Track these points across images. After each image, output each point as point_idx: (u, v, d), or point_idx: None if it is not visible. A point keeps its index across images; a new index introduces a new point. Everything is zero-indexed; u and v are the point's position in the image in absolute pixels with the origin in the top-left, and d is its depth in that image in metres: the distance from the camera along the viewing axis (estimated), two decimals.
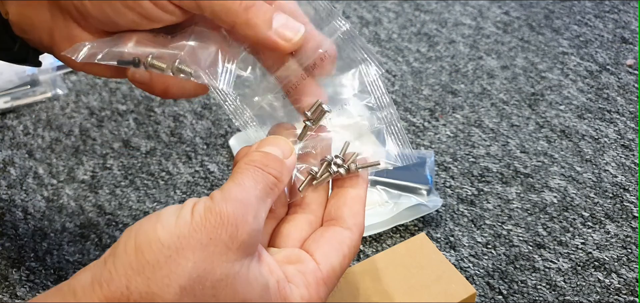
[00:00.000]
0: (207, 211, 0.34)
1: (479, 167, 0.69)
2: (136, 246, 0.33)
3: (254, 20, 0.39)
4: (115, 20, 0.40)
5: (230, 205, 0.34)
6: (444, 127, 0.74)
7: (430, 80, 0.82)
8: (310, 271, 0.37)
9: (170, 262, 0.32)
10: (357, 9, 0.95)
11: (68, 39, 0.42)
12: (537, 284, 0.57)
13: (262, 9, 0.39)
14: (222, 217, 0.34)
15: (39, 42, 0.44)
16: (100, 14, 0.40)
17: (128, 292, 0.32)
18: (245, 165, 0.37)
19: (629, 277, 0.58)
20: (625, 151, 0.71)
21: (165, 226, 0.33)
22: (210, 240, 0.33)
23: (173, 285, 0.32)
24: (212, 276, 0.33)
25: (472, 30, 0.90)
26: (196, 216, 0.33)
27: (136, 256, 0.33)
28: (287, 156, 0.39)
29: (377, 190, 0.63)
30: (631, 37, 0.88)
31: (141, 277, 0.32)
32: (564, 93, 0.79)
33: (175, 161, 0.70)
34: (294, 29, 0.40)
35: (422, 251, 0.54)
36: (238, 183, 0.36)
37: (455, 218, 0.63)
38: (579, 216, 0.63)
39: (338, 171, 0.41)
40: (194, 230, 0.33)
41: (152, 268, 0.32)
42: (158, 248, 0.32)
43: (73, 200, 0.66)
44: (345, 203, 0.41)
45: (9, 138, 0.73)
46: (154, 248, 0.32)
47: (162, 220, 0.33)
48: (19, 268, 0.59)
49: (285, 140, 0.40)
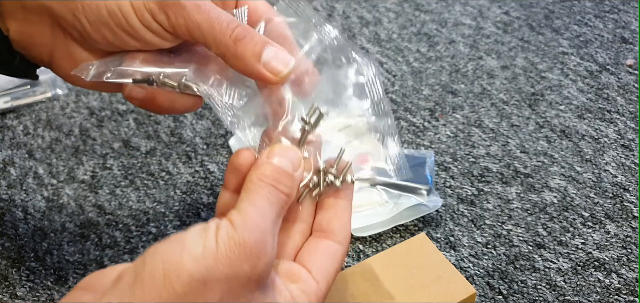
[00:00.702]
0: (231, 241, 0.34)
1: (479, 167, 0.69)
2: (165, 276, 0.33)
3: (243, 53, 0.40)
4: (114, 43, 0.41)
5: (252, 235, 0.35)
6: (444, 127, 0.74)
7: (430, 80, 0.82)
8: (312, 291, 0.38)
9: (198, 294, 0.33)
10: (357, 9, 0.95)
11: (68, 57, 0.43)
12: (537, 284, 0.57)
13: (252, 42, 0.40)
14: (245, 248, 0.34)
15: (39, 58, 0.45)
16: (100, 37, 0.41)
17: None
18: (258, 181, 0.37)
19: (629, 277, 0.58)
20: (625, 151, 0.71)
21: (192, 256, 0.33)
22: (234, 272, 0.34)
23: None
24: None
25: (472, 30, 0.90)
26: (221, 246, 0.34)
27: (165, 286, 0.33)
28: (296, 168, 0.39)
29: (377, 190, 0.63)
30: (631, 37, 0.88)
31: None
32: (564, 93, 0.79)
33: (175, 161, 0.70)
34: (283, 61, 0.40)
35: (422, 251, 0.54)
36: (254, 205, 0.36)
37: (455, 218, 0.63)
38: (579, 216, 0.63)
39: (333, 183, 0.41)
40: (219, 262, 0.34)
41: (181, 300, 0.33)
42: (186, 280, 0.33)
43: (73, 200, 0.66)
44: (335, 215, 0.41)
45: (9, 138, 0.73)
46: (183, 280, 0.33)
47: (189, 248, 0.34)
48: (19, 268, 0.59)
49: (294, 150, 0.40)
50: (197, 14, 0.40)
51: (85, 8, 0.40)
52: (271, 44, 0.41)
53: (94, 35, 0.41)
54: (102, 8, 0.40)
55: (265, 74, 0.40)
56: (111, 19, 0.40)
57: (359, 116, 0.64)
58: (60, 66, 0.44)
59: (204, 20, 0.40)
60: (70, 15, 0.41)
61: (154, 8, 0.40)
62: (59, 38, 0.43)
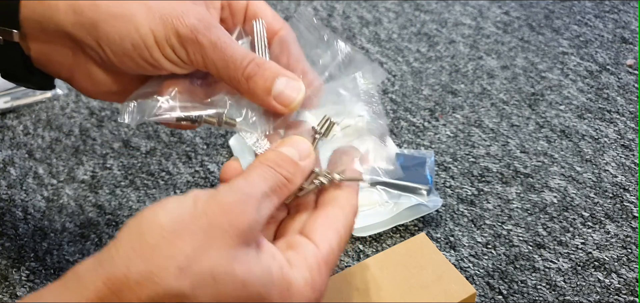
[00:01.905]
0: (210, 199, 0.35)
1: (479, 167, 0.69)
2: (138, 230, 0.34)
3: (254, 90, 0.42)
4: (135, 70, 0.43)
5: (233, 195, 0.35)
6: (444, 127, 0.74)
7: (430, 80, 0.82)
8: (311, 255, 0.38)
9: (170, 244, 0.33)
10: (357, 9, 0.95)
11: (88, 77, 0.45)
12: (537, 284, 0.57)
13: (263, 78, 0.42)
14: (224, 205, 0.35)
15: (58, 75, 0.46)
16: (122, 65, 0.43)
17: (128, 273, 0.33)
18: (258, 162, 0.39)
19: (629, 277, 0.58)
20: (625, 151, 0.71)
21: (167, 212, 0.34)
22: (210, 226, 0.34)
23: (171, 267, 0.33)
24: (210, 259, 0.33)
25: (472, 30, 0.90)
26: (199, 204, 0.35)
27: (138, 239, 0.33)
28: (303, 157, 0.40)
29: (377, 190, 0.63)
30: (631, 37, 0.88)
31: (141, 259, 0.33)
32: (564, 93, 0.79)
33: (175, 161, 0.70)
34: (294, 91, 0.42)
35: (422, 251, 0.54)
36: (245, 178, 0.37)
37: (455, 218, 0.63)
38: (579, 216, 0.63)
39: (321, 181, 0.41)
40: (195, 216, 0.34)
41: (152, 250, 0.33)
42: (158, 231, 0.33)
43: (73, 200, 0.66)
44: (338, 187, 0.42)
45: (9, 138, 0.73)
46: (155, 231, 0.33)
47: (165, 206, 0.35)
48: (19, 268, 0.59)
49: (304, 141, 0.41)
50: (213, 52, 0.42)
51: (110, 39, 0.42)
52: (282, 74, 0.43)
53: (116, 62, 0.43)
54: (126, 40, 0.41)
55: (276, 107, 0.42)
56: (135, 50, 0.42)
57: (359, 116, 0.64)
58: (81, 83, 0.46)
59: (218, 59, 0.42)
60: (93, 43, 0.42)
61: (175, 43, 0.42)
62: (80, 59, 0.44)
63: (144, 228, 0.34)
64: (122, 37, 0.41)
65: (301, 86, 0.43)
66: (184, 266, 0.33)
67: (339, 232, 0.39)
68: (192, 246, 0.33)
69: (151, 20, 0.41)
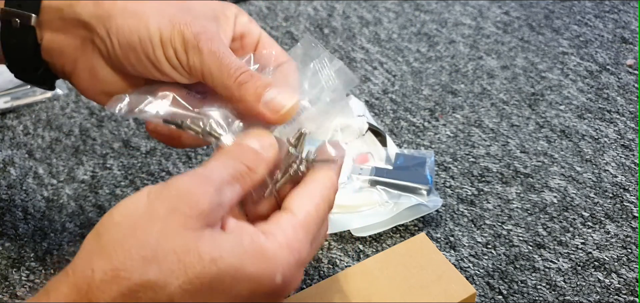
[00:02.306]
0: (164, 188, 0.35)
1: (479, 167, 0.69)
2: (96, 234, 0.35)
3: (244, 95, 0.43)
4: (137, 68, 0.44)
5: (188, 178, 0.36)
6: (444, 127, 0.74)
7: (430, 80, 0.82)
8: (285, 220, 0.38)
9: (129, 238, 0.34)
10: (357, 9, 0.95)
11: (89, 70, 0.46)
12: (537, 284, 0.57)
13: (254, 86, 0.43)
14: (180, 190, 0.35)
15: (61, 69, 0.47)
16: (126, 60, 0.44)
17: (93, 274, 0.33)
18: (218, 153, 0.39)
19: (629, 277, 0.58)
20: (625, 151, 0.71)
21: (121, 210, 0.35)
22: (169, 212, 0.34)
23: (135, 257, 0.33)
24: (174, 243, 0.34)
25: (472, 30, 0.90)
26: (152, 195, 0.35)
27: (96, 241, 0.34)
28: (265, 148, 0.40)
29: (377, 189, 0.63)
30: (631, 37, 0.88)
31: (103, 258, 0.34)
32: (564, 93, 0.79)
33: (175, 161, 0.70)
34: (283, 100, 0.43)
35: (422, 251, 0.54)
36: (204, 166, 0.38)
37: (455, 218, 0.63)
38: (579, 216, 0.63)
39: (297, 168, 0.41)
40: (151, 206, 0.35)
41: (113, 248, 0.34)
42: (116, 229, 0.34)
43: (73, 200, 0.66)
44: (315, 170, 0.42)
45: (9, 138, 0.73)
46: (112, 230, 0.34)
47: (118, 206, 0.35)
48: (19, 268, 0.59)
49: (267, 134, 0.41)
50: (210, 59, 0.42)
51: (119, 29, 0.43)
52: (275, 87, 0.43)
53: (121, 56, 0.44)
54: (134, 34, 0.43)
55: (266, 114, 0.42)
56: (140, 45, 0.43)
57: (359, 116, 0.64)
58: (81, 77, 0.47)
59: (214, 66, 0.42)
60: (104, 32, 0.43)
61: (178, 46, 0.43)
62: (87, 50, 0.45)
63: (101, 230, 0.35)
64: (131, 30, 0.43)
65: (294, 95, 0.43)
66: (148, 255, 0.33)
67: (315, 200, 0.39)
68: (152, 235, 0.34)
69: (161, 20, 0.42)
